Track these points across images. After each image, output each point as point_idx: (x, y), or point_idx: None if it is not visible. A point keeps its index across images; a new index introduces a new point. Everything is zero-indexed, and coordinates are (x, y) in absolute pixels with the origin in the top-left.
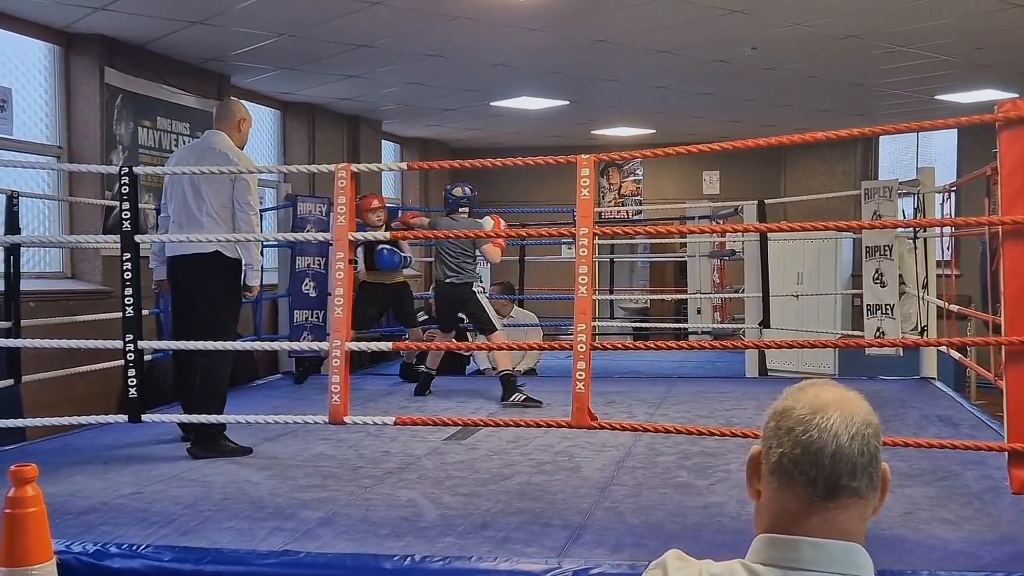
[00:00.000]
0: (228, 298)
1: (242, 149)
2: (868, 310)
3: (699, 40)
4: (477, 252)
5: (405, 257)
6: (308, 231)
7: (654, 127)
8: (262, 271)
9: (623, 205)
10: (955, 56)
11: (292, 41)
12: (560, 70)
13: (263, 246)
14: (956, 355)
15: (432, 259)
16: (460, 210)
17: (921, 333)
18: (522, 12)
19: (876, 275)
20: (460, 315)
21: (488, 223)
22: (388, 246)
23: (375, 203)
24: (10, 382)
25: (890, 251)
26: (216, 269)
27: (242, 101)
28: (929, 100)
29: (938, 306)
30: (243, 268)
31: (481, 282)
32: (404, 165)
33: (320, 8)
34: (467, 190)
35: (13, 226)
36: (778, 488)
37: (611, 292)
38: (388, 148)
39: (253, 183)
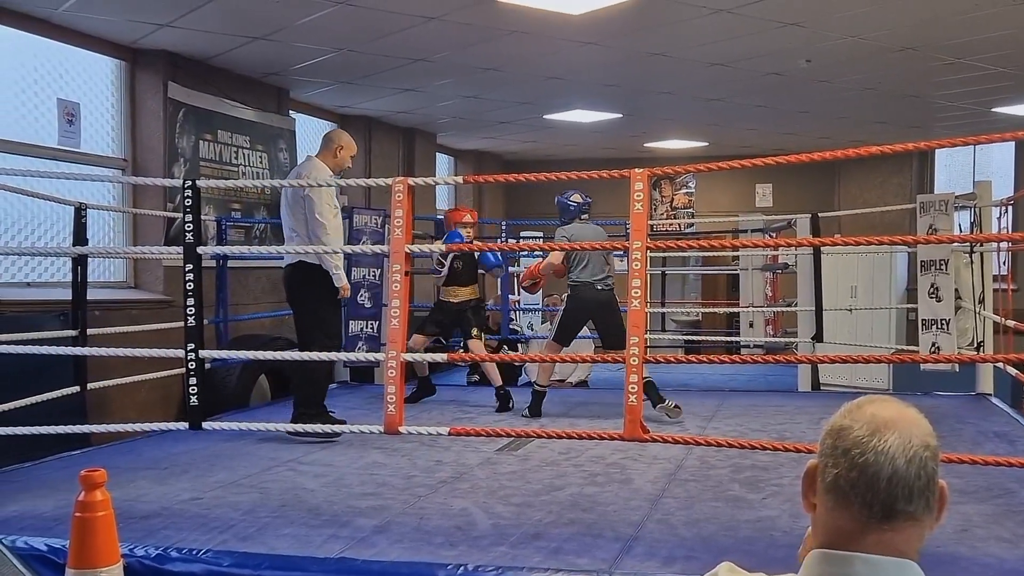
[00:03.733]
0: (316, 301)
1: (339, 175)
2: (923, 325)
3: (754, 53)
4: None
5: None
6: (363, 243)
7: (707, 140)
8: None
9: (675, 218)
10: (1012, 68)
11: (350, 56)
12: (614, 83)
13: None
14: (1013, 371)
15: (569, 264)
16: (582, 216)
17: (977, 348)
18: (578, 26)
19: (932, 289)
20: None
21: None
22: (492, 251)
23: (467, 217)
24: (76, 389)
25: (946, 265)
26: (301, 277)
27: (343, 132)
28: (986, 112)
29: (995, 321)
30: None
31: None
32: (460, 179)
33: (378, 23)
34: (584, 196)
35: (81, 237)
36: (834, 507)
37: (663, 305)
38: (442, 160)
39: (319, 198)
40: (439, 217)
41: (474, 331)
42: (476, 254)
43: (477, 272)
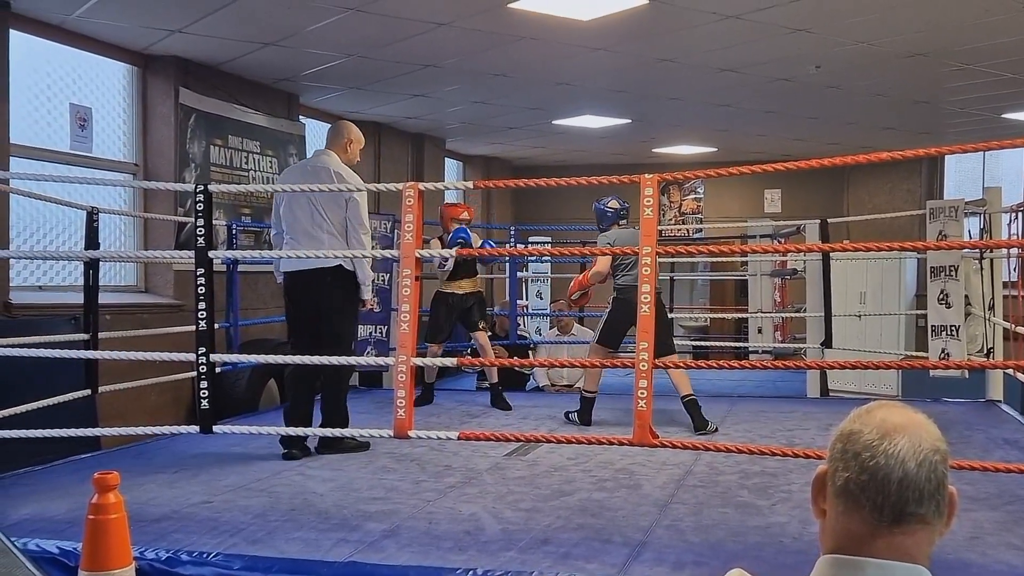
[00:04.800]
0: (351, 310)
1: (351, 167)
2: (933, 331)
3: (763, 58)
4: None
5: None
6: (372, 248)
7: (716, 145)
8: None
9: (684, 223)
10: (1022, 74)
11: (360, 62)
12: (623, 89)
13: None
14: (1023, 378)
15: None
16: (621, 222)
17: (987, 355)
18: (587, 32)
19: (941, 296)
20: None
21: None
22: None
23: (464, 214)
24: (87, 392)
25: (956, 271)
26: (338, 283)
27: (351, 123)
28: (996, 118)
29: (1004, 327)
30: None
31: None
32: (470, 184)
33: (388, 30)
34: (622, 201)
35: (93, 241)
36: (844, 512)
37: (671, 310)
38: (451, 165)
39: (364, 202)
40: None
41: (481, 323)
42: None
43: (477, 265)
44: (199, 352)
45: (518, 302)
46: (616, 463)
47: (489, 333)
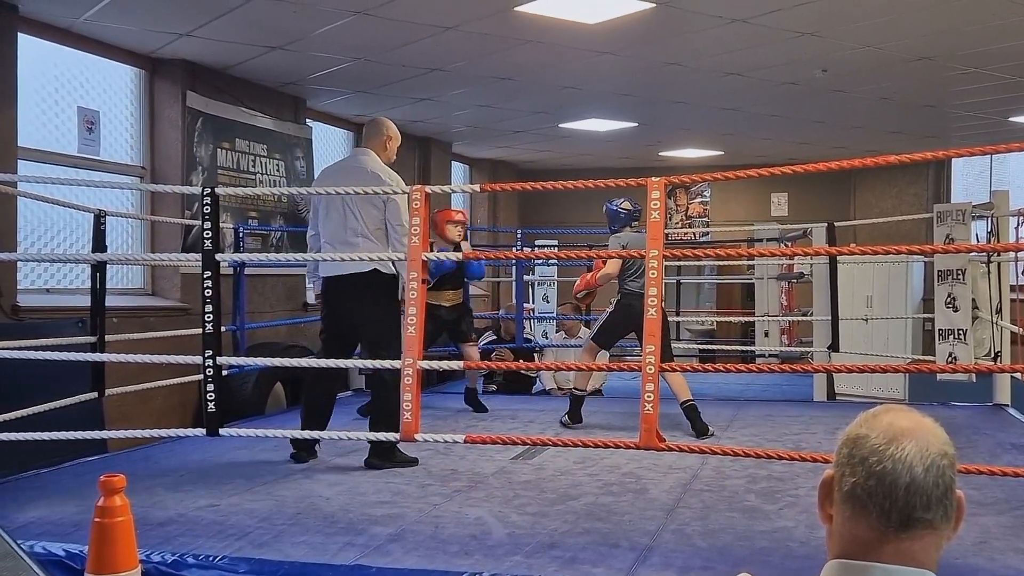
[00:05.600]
0: (390, 314)
1: (389, 166)
2: (940, 335)
3: (770, 62)
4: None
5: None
6: None
7: (723, 149)
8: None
9: (690, 227)
10: None
11: (366, 65)
12: (630, 92)
13: None
14: None
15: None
16: (633, 224)
17: (995, 359)
18: (593, 35)
19: (948, 299)
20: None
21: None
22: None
23: (457, 216)
24: (94, 395)
25: (963, 275)
26: (375, 287)
27: (388, 120)
28: (1003, 122)
29: (1012, 331)
30: (400, 284)
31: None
32: (476, 187)
33: (394, 33)
34: (634, 203)
35: (100, 244)
36: (851, 517)
37: (677, 314)
38: (458, 169)
39: (403, 203)
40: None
41: (472, 335)
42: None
43: (462, 277)
44: (206, 355)
45: (525, 306)
46: (623, 467)
47: (493, 337)
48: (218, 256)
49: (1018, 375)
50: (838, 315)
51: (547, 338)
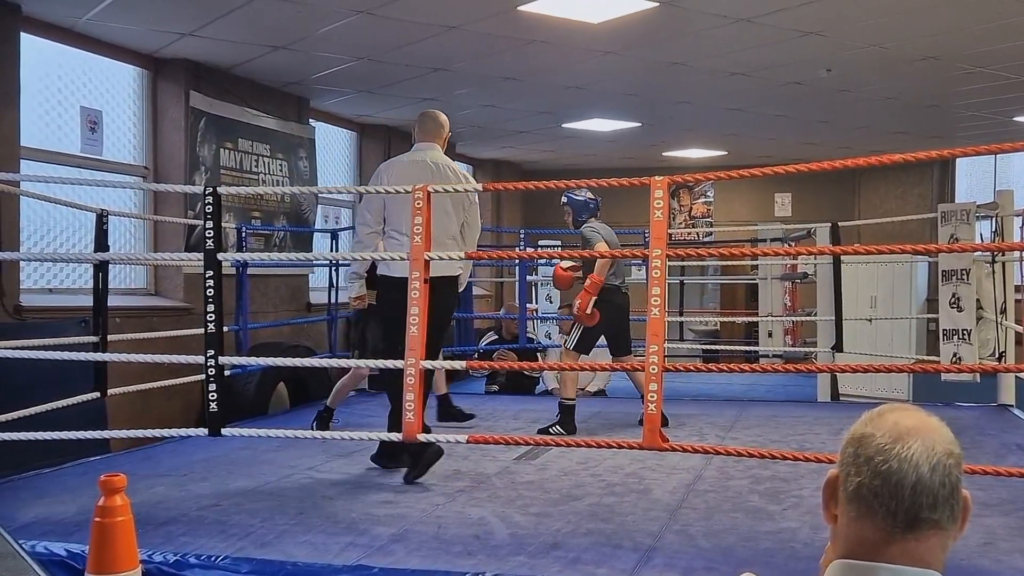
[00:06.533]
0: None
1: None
2: (944, 335)
3: (774, 62)
4: None
5: None
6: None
7: (726, 149)
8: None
9: (694, 227)
10: None
11: (370, 65)
12: (634, 92)
13: (338, 265)
14: None
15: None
16: (598, 214)
17: (999, 359)
18: (598, 35)
19: (953, 299)
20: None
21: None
22: None
23: None
24: (96, 395)
25: (967, 275)
26: (455, 290)
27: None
28: (1007, 122)
29: (1016, 331)
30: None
31: None
32: (479, 187)
33: (398, 33)
34: (594, 193)
35: (102, 243)
36: (856, 517)
37: (681, 314)
38: (461, 169)
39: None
40: None
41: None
42: None
43: None
44: (208, 355)
45: (528, 306)
46: (626, 467)
47: (495, 337)
48: (220, 256)
49: (1023, 375)
50: (842, 315)
51: (550, 338)
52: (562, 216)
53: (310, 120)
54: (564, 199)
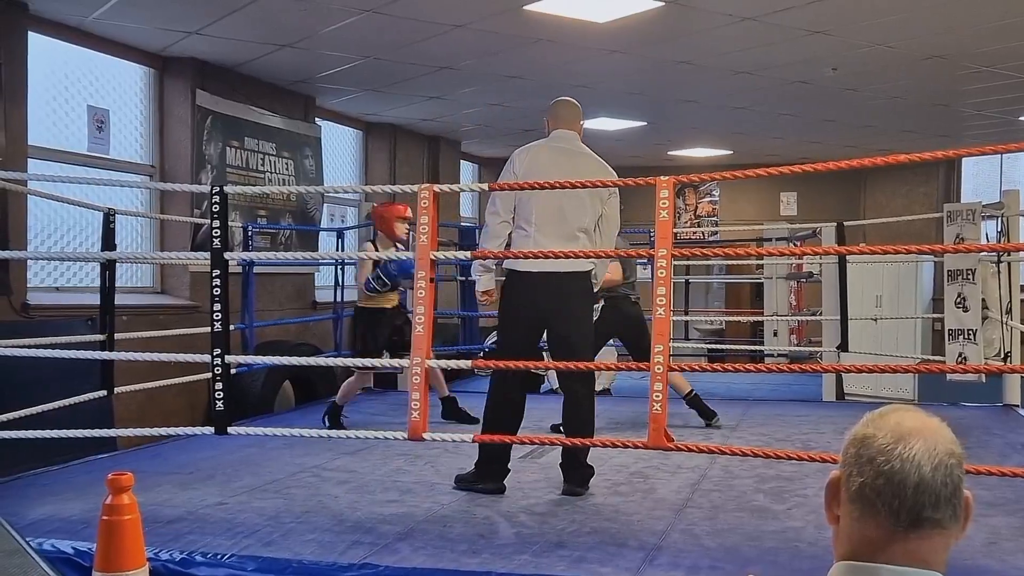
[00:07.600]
0: (591, 317)
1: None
2: (950, 335)
3: (780, 61)
4: None
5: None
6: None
7: (732, 148)
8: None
9: (699, 226)
10: None
11: (376, 64)
12: (640, 91)
13: (344, 264)
14: None
15: None
16: None
17: (1005, 359)
18: (603, 34)
19: (958, 299)
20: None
21: None
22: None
23: (408, 212)
24: (103, 393)
25: (973, 275)
26: (589, 288)
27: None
28: (1014, 121)
29: (1022, 331)
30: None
31: None
32: (485, 186)
33: (404, 32)
34: None
35: (109, 242)
36: (859, 517)
37: (686, 313)
38: (467, 168)
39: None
40: (463, 224)
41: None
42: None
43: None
44: (214, 353)
45: None
46: (631, 466)
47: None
48: (227, 255)
49: None
50: (847, 315)
51: None
52: None
53: (316, 119)
54: None
